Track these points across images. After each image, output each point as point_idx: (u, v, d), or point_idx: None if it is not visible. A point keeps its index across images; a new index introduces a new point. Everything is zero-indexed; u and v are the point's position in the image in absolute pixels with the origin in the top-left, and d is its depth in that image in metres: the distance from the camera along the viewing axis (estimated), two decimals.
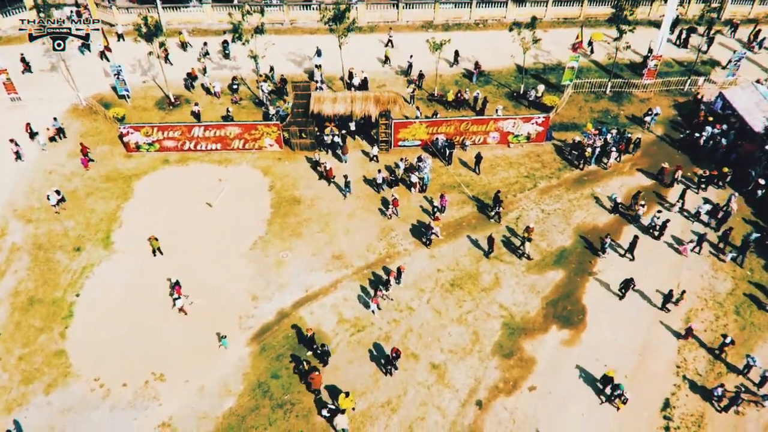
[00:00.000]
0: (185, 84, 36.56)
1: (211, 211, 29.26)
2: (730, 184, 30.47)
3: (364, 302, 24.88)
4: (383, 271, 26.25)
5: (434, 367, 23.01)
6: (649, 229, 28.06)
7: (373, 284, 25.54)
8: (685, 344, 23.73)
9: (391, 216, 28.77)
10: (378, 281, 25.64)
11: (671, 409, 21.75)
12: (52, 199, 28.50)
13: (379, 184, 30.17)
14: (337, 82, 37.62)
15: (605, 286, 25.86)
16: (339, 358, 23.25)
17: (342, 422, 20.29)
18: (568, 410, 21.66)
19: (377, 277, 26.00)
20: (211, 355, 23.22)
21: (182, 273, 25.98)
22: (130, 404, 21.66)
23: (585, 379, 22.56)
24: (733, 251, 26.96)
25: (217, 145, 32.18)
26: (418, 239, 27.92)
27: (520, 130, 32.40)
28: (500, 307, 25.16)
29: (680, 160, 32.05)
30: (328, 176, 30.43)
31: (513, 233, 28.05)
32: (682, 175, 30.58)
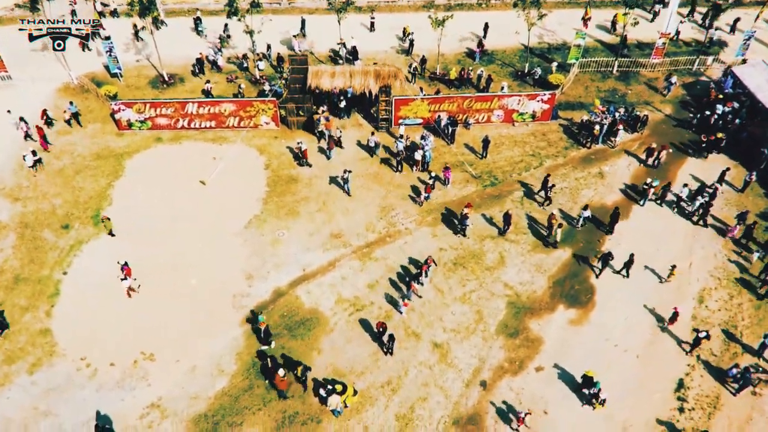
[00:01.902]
0: (193, 71, 35.39)
1: (205, 189, 28.21)
2: (744, 165, 29.44)
3: (392, 301, 23.39)
4: (404, 269, 25.27)
5: (436, 346, 22.01)
6: (691, 215, 26.79)
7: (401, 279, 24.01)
8: (699, 323, 22.72)
9: (423, 202, 27.42)
10: (406, 276, 24.14)
11: (685, 390, 20.75)
12: (28, 160, 27.71)
13: (372, 147, 29.24)
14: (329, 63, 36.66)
15: (614, 265, 24.82)
16: (338, 338, 22.24)
17: (334, 403, 19.33)
18: (578, 391, 20.66)
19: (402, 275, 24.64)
20: (204, 334, 22.21)
21: (175, 252, 25.06)
22: (118, 384, 20.66)
23: (595, 359, 21.55)
24: (759, 249, 25.25)
25: (212, 123, 31.13)
26: (420, 217, 26.94)
27: (525, 107, 31.34)
28: (505, 286, 24.15)
29: (690, 138, 31.05)
30: (304, 157, 29.23)
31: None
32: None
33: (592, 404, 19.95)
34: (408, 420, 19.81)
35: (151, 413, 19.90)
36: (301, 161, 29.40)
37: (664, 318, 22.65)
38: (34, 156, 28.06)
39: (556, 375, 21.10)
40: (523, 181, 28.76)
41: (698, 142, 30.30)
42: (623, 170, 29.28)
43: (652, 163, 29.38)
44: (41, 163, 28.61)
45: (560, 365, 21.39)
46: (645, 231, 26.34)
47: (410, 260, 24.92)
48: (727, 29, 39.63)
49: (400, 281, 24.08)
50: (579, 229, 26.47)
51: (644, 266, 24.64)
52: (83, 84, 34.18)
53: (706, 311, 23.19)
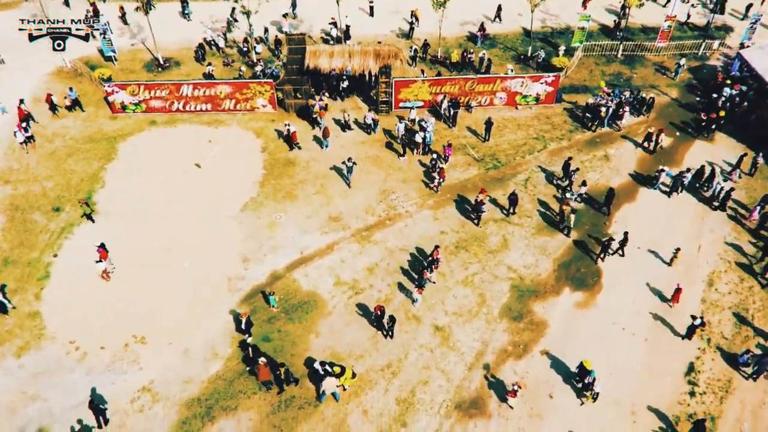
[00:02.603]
0: (195, 56, 34.59)
1: (200, 172, 27.49)
2: (752, 148, 28.69)
3: (406, 293, 22.42)
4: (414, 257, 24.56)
5: (438, 329, 21.30)
6: (712, 200, 25.89)
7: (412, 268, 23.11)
8: (708, 307, 22.03)
9: (437, 187, 26.55)
10: (417, 264, 23.16)
11: (696, 373, 20.04)
12: (19, 137, 27.04)
13: (369, 124, 28.67)
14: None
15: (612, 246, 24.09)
16: (336, 321, 21.54)
17: (329, 386, 18.60)
18: (572, 383, 19.94)
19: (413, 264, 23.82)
20: (198, 317, 21.51)
21: (169, 235, 24.36)
22: (108, 368, 19.96)
23: (602, 343, 20.85)
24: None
25: (207, 106, 30.39)
26: (421, 201, 26.23)
27: (528, 90, 30.60)
28: (509, 269, 23.43)
29: (696, 120, 30.33)
30: (292, 139, 28.43)
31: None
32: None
33: (584, 396, 19.11)
34: (409, 404, 19.11)
35: (142, 397, 19.20)
36: (290, 144, 28.69)
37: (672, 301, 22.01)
38: (25, 133, 27.37)
39: (562, 359, 20.39)
40: (527, 164, 28.09)
41: (699, 121, 29.61)
42: (630, 153, 28.55)
43: (652, 147, 28.63)
44: (33, 141, 27.95)
45: (566, 349, 20.68)
46: (652, 214, 25.62)
47: (412, 243, 24.26)
48: (740, 16, 38.89)
49: (408, 266, 23.39)
50: (575, 206, 25.72)
51: (652, 250, 23.94)
52: (77, 68, 33.44)
53: (716, 294, 22.48)
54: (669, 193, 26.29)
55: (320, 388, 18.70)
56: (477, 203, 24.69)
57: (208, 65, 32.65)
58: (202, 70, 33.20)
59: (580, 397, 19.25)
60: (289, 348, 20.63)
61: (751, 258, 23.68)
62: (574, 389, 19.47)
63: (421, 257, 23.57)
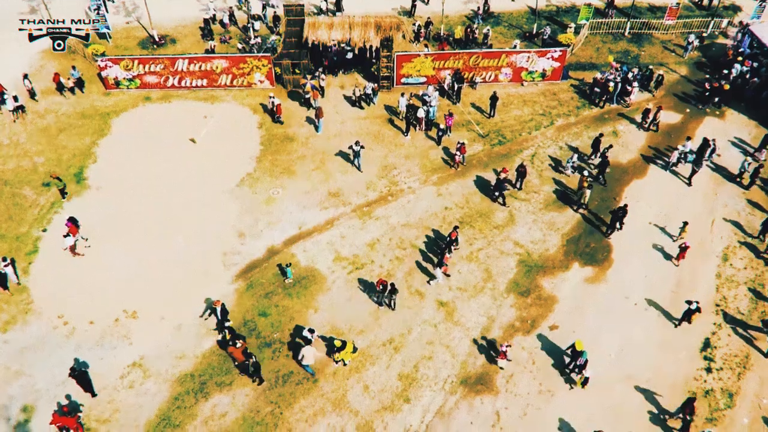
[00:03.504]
0: (202, 33, 33.61)
1: (195, 147, 26.59)
2: (763, 125, 27.81)
3: (428, 274, 21.36)
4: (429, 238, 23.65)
5: (442, 305, 20.43)
6: (738, 177, 25.02)
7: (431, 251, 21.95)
8: (724, 282, 21.16)
9: (459, 165, 25.61)
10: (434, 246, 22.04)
11: (712, 349, 19.16)
12: (8, 104, 26.21)
13: (368, 94, 28.01)
14: None
15: (632, 222, 23.20)
16: (336, 296, 20.67)
17: (308, 356, 17.74)
18: (596, 350, 19.04)
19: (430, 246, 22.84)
20: (192, 292, 20.62)
21: (162, 210, 23.49)
22: (97, 343, 19.07)
23: (613, 318, 19.98)
24: None
25: (203, 81, 29.48)
26: (424, 176, 25.35)
27: (534, 66, 29.68)
28: (515, 244, 22.55)
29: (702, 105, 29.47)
30: (277, 113, 27.52)
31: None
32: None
33: (573, 381, 18.14)
34: (412, 379, 18.24)
35: (132, 372, 18.33)
36: (274, 117, 27.77)
37: (685, 280, 21.15)
38: (16, 102, 26.60)
39: (572, 333, 19.49)
40: (533, 140, 27.19)
41: (703, 91, 28.88)
42: (639, 129, 27.65)
43: (649, 125, 27.64)
44: (23, 111, 27.20)
45: (576, 324, 19.82)
46: (664, 189, 24.75)
47: (415, 219, 23.40)
48: None
49: (409, 241, 22.55)
50: (569, 176, 25.11)
51: (663, 225, 23.07)
52: (69, 44, 32.49)
53: (732, 269, 21.59)
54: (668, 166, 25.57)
55: (299, 356, 17.85)
56: (500, 181, 23.56)
57: (210, 40, 31.82)
58: (197, 48, 32.29)
59: (568, 382, 18.21)
60: (287, 323, 19.75)
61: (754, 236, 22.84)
62: (567, 370, 18.60)
63: (434, 236, 22.72)
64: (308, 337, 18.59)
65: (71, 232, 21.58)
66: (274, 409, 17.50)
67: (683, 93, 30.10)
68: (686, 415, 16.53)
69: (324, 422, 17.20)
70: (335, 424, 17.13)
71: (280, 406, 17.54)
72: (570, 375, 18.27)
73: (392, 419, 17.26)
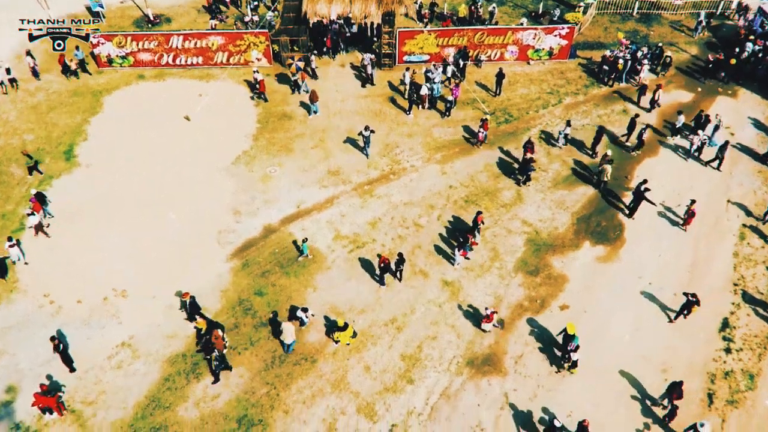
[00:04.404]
0: (208, 11, 32.75)
1: (189, 125, 25.65)
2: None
3: (446, 257, 20.32)
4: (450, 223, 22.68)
5: (447, 284, 19.48)
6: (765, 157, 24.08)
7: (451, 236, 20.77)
8: (741, 261, 20.21)
9: (481, 143, 24.63)
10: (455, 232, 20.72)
11: (731, 329, 18.21)
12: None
13: (366, 65, 27.11)
14: None
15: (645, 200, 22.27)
16: (336, 275, 19.73)
17: (288, 334, 16.86)
18: (609, 331, 18.12)
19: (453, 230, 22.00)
20: (184, 271, 19.68)
21: (153, 188, 22.56)
22: (85, 322, 18.12)
23: (627, 298, 19.04)
24: None
25: (198, 59, 28.51)
26: (427, 155, 24.40)
27: (541, 43, 28.71)
28: (523, 223, 21.61)
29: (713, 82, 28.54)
30: (260, 89, 26.58)
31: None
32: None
33: (562, 366, 17.13)
34: (416, 360, 17.30)
35: (121, 352, 17.38)
36: (258, 94, 26.84)
37: (701, 259, 20.22)
38: (8, 74, 25.90)
39: (583, 314, 18.56)
40: (540, 119, 26.23)
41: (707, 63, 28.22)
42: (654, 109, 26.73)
43: (650, 105, 26.57)
44: (16, 83, 26.56)
45: (588, 303, 18.87)
46: (677, 168, 23.83)
47: (418, 198, 22.47)
48: None
49: (412, 219, 21.63)
50: (561, 148, 24.27)
51: (677, 204, 22.12)
52: None
53: (749, 248, 20.65)
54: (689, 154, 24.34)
55: (283, 339, 16.98)
56: (525, 161, 22.49)
57: (211, 18, 30.95)
58: (193, 27, 31.36)
59: (554, 365, 17.17)
60: (285, 302, 18.80)
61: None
62: (600, 343, 17.63)
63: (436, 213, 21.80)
64: (303, 317, 17.69)
65: (35, 209, 20.49)
66: (270, 390, 16.56)
67: (694, 72, 29.20)
68: (673, 401, 15.58)
69: (323, 404, 16.25)
70: (335, 406, 16.19)
71: (276, 387, 16.60)
72: (560, 359, 17.27)
73: (395, 400, 16.33)
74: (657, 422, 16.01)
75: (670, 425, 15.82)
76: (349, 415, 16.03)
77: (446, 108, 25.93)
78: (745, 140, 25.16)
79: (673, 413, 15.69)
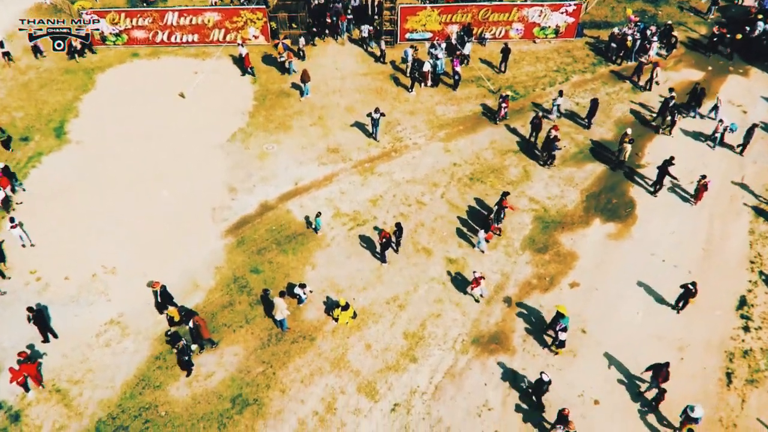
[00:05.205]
0: None
1: (184, 103, 24.82)
2: None
3: (469, 242, 19.34)
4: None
5: (451, 261, 18.67)
6: None
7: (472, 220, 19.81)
8: (757, 238, 19.37)
9: (502, 119, 23.76)
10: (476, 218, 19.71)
11: (749, 307, 17.40)
12: None
13: (365, 38, 26.84)
14: None
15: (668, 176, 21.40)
16: (335, 252, 18.92)
17: (280, 310, 16.05)
18: (621, 309, 17.31)
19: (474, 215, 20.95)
20: (177, 248, 18.88)
21: (146, 165, 21.75)
22: (72, 299, 17.32)
23: (639, 275, 18.21)
24: None
25: (194, 36, 27.69)
26: (430, 132, 23.58)
27: (547, 21, 27.86)
28: (531, 200, 20.79)
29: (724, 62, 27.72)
30: (245, 64, 25.79)
31: None
32: None
33: (549, 346, 16.26)
34: (419, 338, 16.48)
35: (110, 330, 16.58)
36: (243, 69, 26.08)
37: (716, 236, 19.40)
38: (2, 48, 25.41)
39: (595, 291, 17.74)
40: (547, 96, 25.37)
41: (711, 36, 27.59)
42: (660, 84, 25.84)
43: (645, 84, 25.71)
44: (9, 58, 26.15)
45: (599, 281, 18.05)
46: (690, 146, 22.99)
47: (421, 175, 21.66)
48: None
49: (414, 195, 20.82)
50: (554, 120, 23.49)
51: (690, 181, 21.27)
52: (55, 3, 30.77)
53: (765, 226, 19.83)
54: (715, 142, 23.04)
55: (276, 316, 16.23)
56: (550, 140, 21.43)
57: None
58: (189, 4, 30.49)
59: (543, 346, 16.37)
60: (282, 280, 17.98)
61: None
62: (611, 322, 16.84)
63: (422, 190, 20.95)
64: (300, 294, 16.90)
65: (1, 184, 19.57)
66: (266, 369, 15.76)
67: (700, 49, 28.39)
68: (660, 384, 14.74)
69: (321, 382, 15.45)
70: (334, 385, 15.39)
71: (272, 366, 15.79)
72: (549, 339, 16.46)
73: (397, 379, 15.52)
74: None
75: (659, 409, 14.93)
76: (349, 394, 15.23)
77: (455, 81, 25.22)
78: (758, 119, 24.24)
79: (660, 396, 14.72)
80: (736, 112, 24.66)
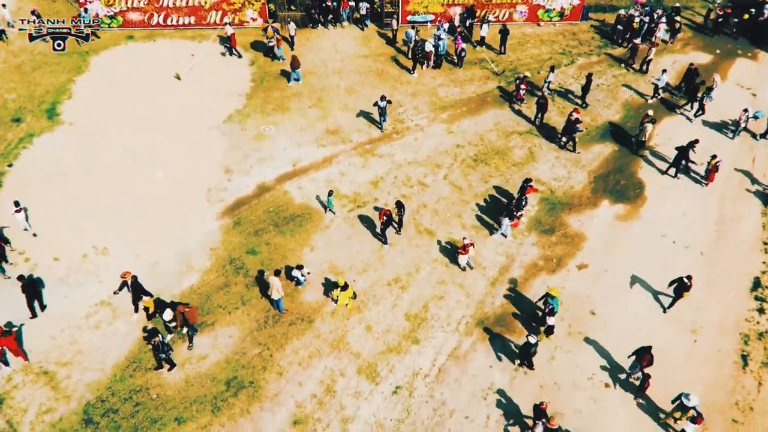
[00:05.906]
0: None
1: (180, 84, 24.18)
2: None
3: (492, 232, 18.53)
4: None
5: (455, 242, 18.05)
6: None
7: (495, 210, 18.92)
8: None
9: (522, 101, 23.18)
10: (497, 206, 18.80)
11: (763, 289, 16.79)
12: None
13: (363, 15, 26.70)
14: None
15: (667, 160, 20.83)
16: (335, 234, 18.29)
17: (276, 289, 15.44)
18: (630, 291, 16.72)
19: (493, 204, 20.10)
20: (171, 229, 18.23)
21: (140, 145, 21.10)
22: (62, 280, 16.68)
23: (650, 256, 17.61)
24: None
25: (191, 19, 27.05)
26: (433, 114, 22.96)
27: (552, 3, 27.26)
28: (537, 181, 20.01)
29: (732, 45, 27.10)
30: (231, 44, 25.26)
31: None
32: None
33: (537, 331, 15.43)
34: (421, 320, 15.87)
35: (100, 311, 15.96)
36: (231, 50, 25.51)
37: (727, 218, 18.80)
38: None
39: (604, 273, 17.15)
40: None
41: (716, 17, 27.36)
42: (667, 67, 25.22)
43: (640, 67, 25.11)
44: (6, 37, 25.69)
45: (608, 263, 17.45)
46: (699, 127, 22.40)
47: (423, 157, 21.04)
48: None
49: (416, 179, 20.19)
50: (549, 96, 23.05)
51: (701, 162, 20.64)
52: None
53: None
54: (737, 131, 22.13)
55: (271, 296, 15.65)
56: (571, 122, 20.67)
57: None
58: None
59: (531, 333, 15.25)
60: (280, 261, 17.36)
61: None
62: (621, 303, 16.22)
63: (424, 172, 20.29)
64: (298, 276, 16.28)
65: None
66: (263, 351, 15.15)
67: (706, 30, 27.84)
68: (643, 369, 14.09)
69: (320, 365, 14.84)
70: (333, 367, 14.78)
71: (269, 348, 15.18)
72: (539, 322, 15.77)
73: (399, 361, 14.91)
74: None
75: (646, 394, 14.29)
76: (348, 376, 14.62)
77: (461, 57, 24.70)
78: (767, 102, 23.71)
79: (644, 382, 14.02)
80: (746, 95, 24.08)
